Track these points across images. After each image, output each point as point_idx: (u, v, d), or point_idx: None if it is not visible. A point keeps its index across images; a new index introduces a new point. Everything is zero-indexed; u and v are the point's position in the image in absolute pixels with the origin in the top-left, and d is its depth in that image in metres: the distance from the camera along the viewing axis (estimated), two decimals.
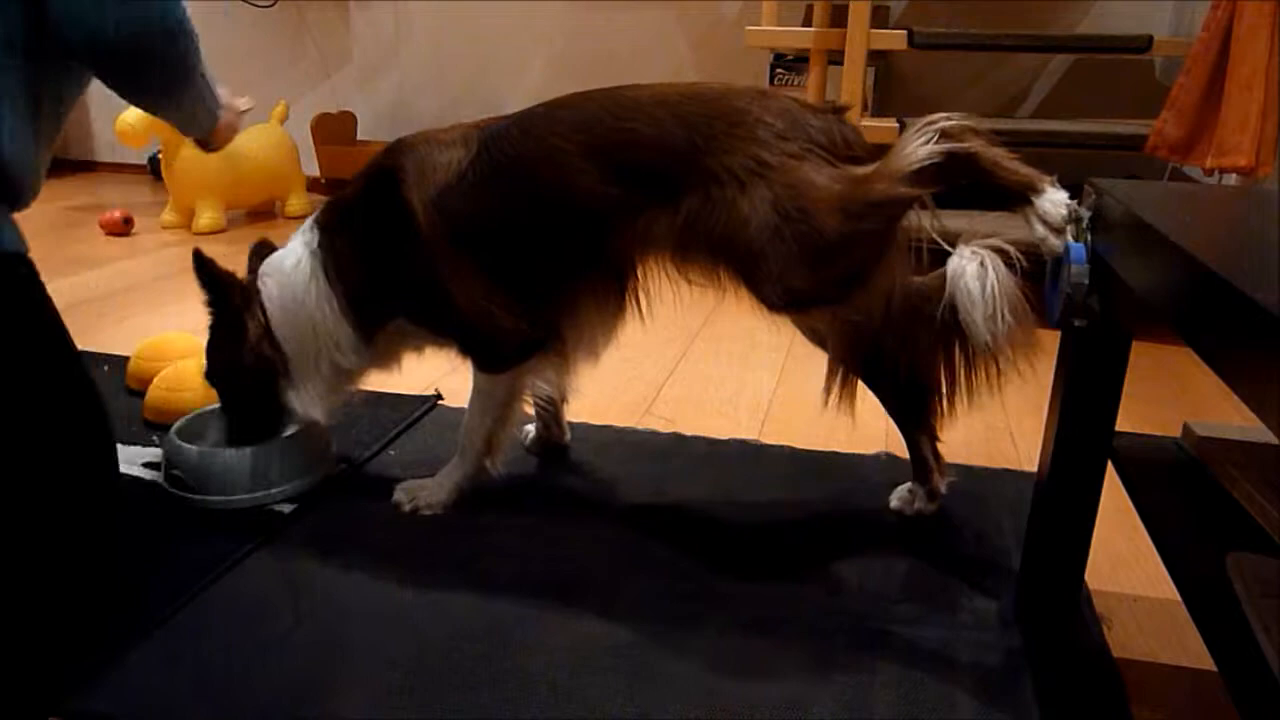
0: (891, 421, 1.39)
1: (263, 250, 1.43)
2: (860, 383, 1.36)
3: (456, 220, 1.26)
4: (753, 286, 1.19)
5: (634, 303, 1.34)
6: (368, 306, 1.35)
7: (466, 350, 1.37)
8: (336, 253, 1.33)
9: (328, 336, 1.35)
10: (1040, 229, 1.07)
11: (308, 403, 1.38)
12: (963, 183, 1.10)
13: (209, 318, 1.37)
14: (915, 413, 1.36)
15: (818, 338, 1.39)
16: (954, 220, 1.19)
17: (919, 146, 1.09)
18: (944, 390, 1.32)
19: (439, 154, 1.28)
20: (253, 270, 1.41)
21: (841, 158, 1.15)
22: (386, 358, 1.42)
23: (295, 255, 1.35)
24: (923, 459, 1.39)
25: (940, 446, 1.40)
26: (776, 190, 1.13)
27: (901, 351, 1.29)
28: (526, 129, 1.26)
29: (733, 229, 1.15)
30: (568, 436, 1.59)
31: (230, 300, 1.35)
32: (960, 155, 1.08)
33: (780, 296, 1.17)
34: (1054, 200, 1.07)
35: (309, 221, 1.38)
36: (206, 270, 1.33)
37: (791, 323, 1.33)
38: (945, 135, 1.09)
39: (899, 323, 1.26)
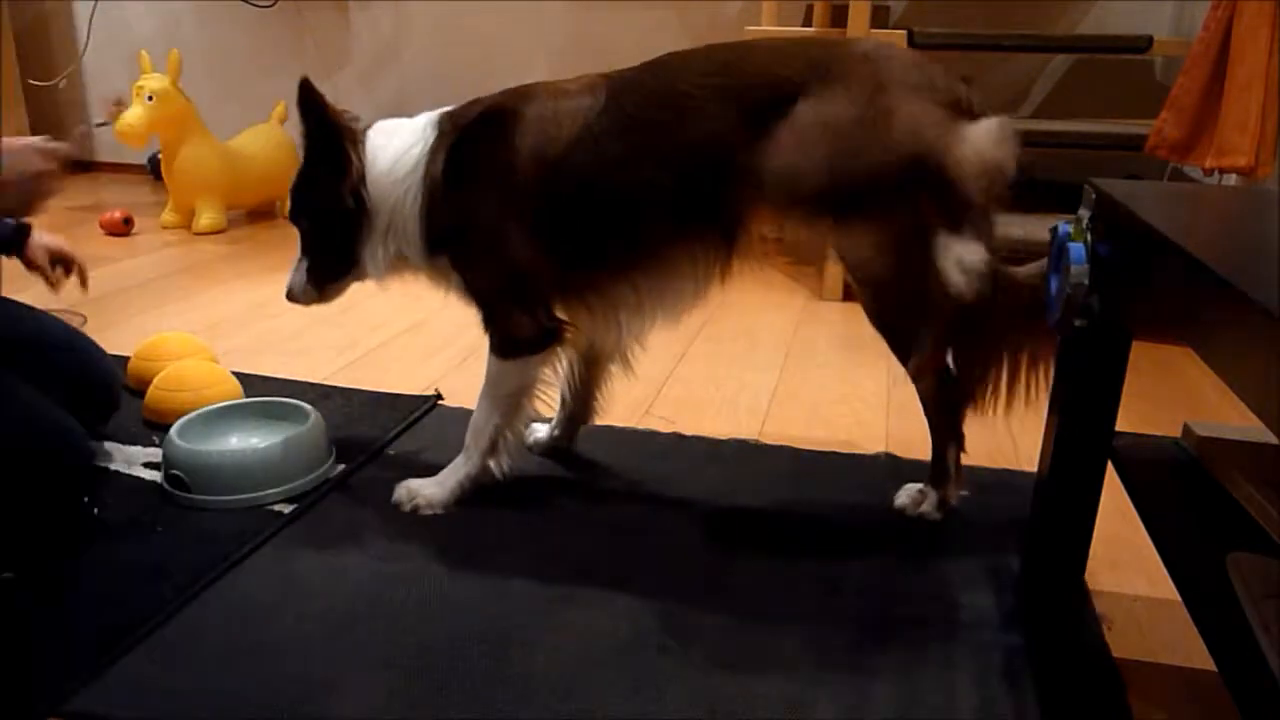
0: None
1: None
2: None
3: (575, 171, 1.26)
4: (803, 177, 1.19)
5: (729, 268, 1.32)
6: (438, 226, 1.34)
7: (487, 323, 1.36)
8: (435, 163, 1.33)
9: (403, 223, 1.35)
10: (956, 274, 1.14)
11: (373, 262, 1.38)
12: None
13: (304, 153, 1.36)
14: (951, 415, 1.36)
15: (870, 301, 1.31)
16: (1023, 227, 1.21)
17: (1005, 157, 1.15)
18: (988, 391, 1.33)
19: (563, 102, 1.29)
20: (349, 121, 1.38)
21: (961, 112, 1.18)
22: (438, 279, 1.41)
23: (413, 137, 1.34)
24: (944, 467, 1.38)
25: (963, 457, 1.38)
26: (877, 99, 1.17)
27: (975, 344, 1.29)
28: (657, 77, 1.28)
29: (822, 131, 1.18)
30: (575, 445, 1.59)
31: (339, 136, 1.33)
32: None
33: (822, 176, 1.18)
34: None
35: (436, 116, 1.37)
36: (315, 102, 1.32)
37: (848, 276, 1.33)
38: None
39: (987, 311, 1.24)
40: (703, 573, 1.25)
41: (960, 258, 1.14)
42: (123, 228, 3.03)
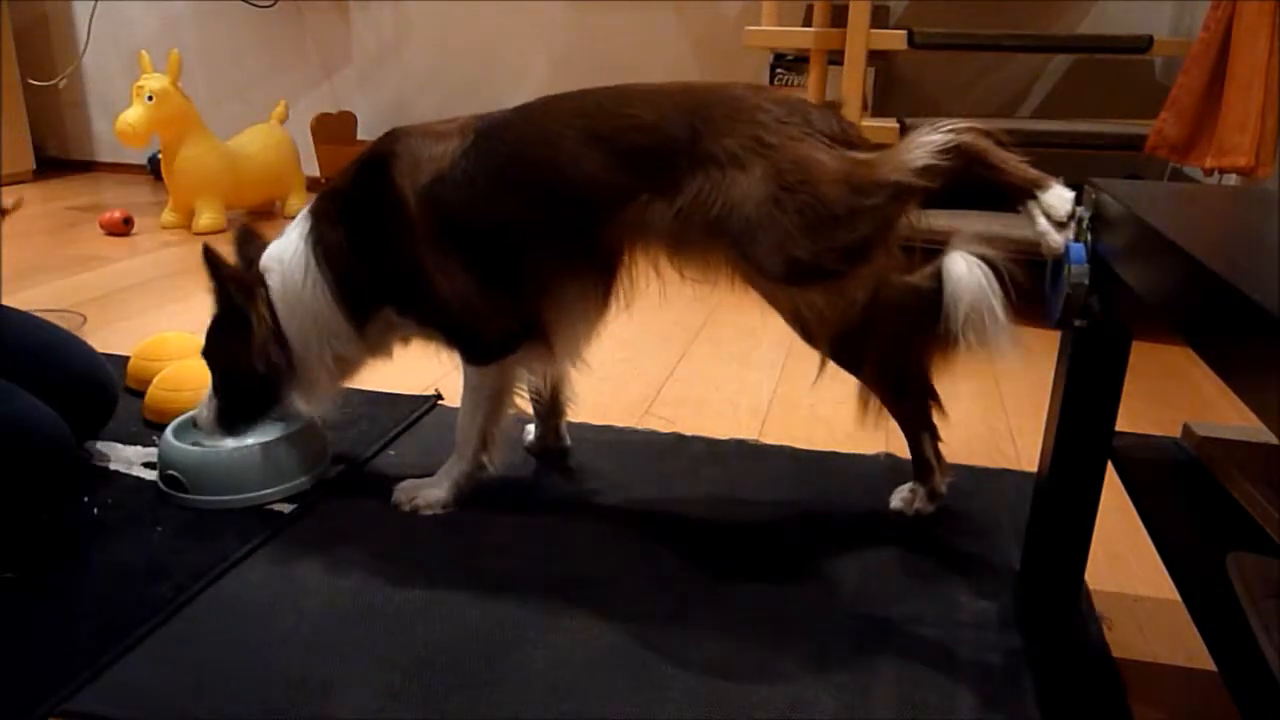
0: (891, 422, 1.39)
1: (248, 238, 1.42)
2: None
3: (447, 210, 1.26)
4: (750, 258, 1.17)
5: (618, 297, 1.34)
6: (358, 295, 1.34)
7: (452, 342, 1.36)
8: (327, 240, 1.33)
9: (326, 326, 1.35)
10: (1043, 223, 1.08)
11: (311, 398, 1.39)
12: (967, 179, 1.11)
13: (214, 307, 1.37)
14: (914, 410, 1.37)
15: (810, 334, 1.35)
16: (946, 220, 1.20)
17: (929, 135, 1.10)
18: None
19: (433, 145, 1.29)
20: (244, 258, 1.39)
21: (841, 145, 1.16)
22: (379, 347, 1.42)
23: (292, 245, 1.35)
24: (924, 458, 1.39)
25: (941, 446, 1.40)
26: (779, 165, 1.13)
27: (893, 347, 1.30)
28: (525, 118, 1.27)
29: (731, 205, 1.15)
30: (567, 442, 1.59)
31: (234, 299, 1.35)
32: (968, 150, 1.10)
33: (779, 265, 1.15)
34: (1060, 195, 1.08)
35: (304, 210, 1.37)
36: (217, 267, 1.33)
37: (785, 318, 1.33)
38: (951, 130, 1.10)
39: (893, 318, 1.26)
40: (703, 573, 1.25)
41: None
42: (123, 228, 3.03)
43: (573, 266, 1.30)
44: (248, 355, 1.34)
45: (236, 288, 1.34)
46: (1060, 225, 1.06)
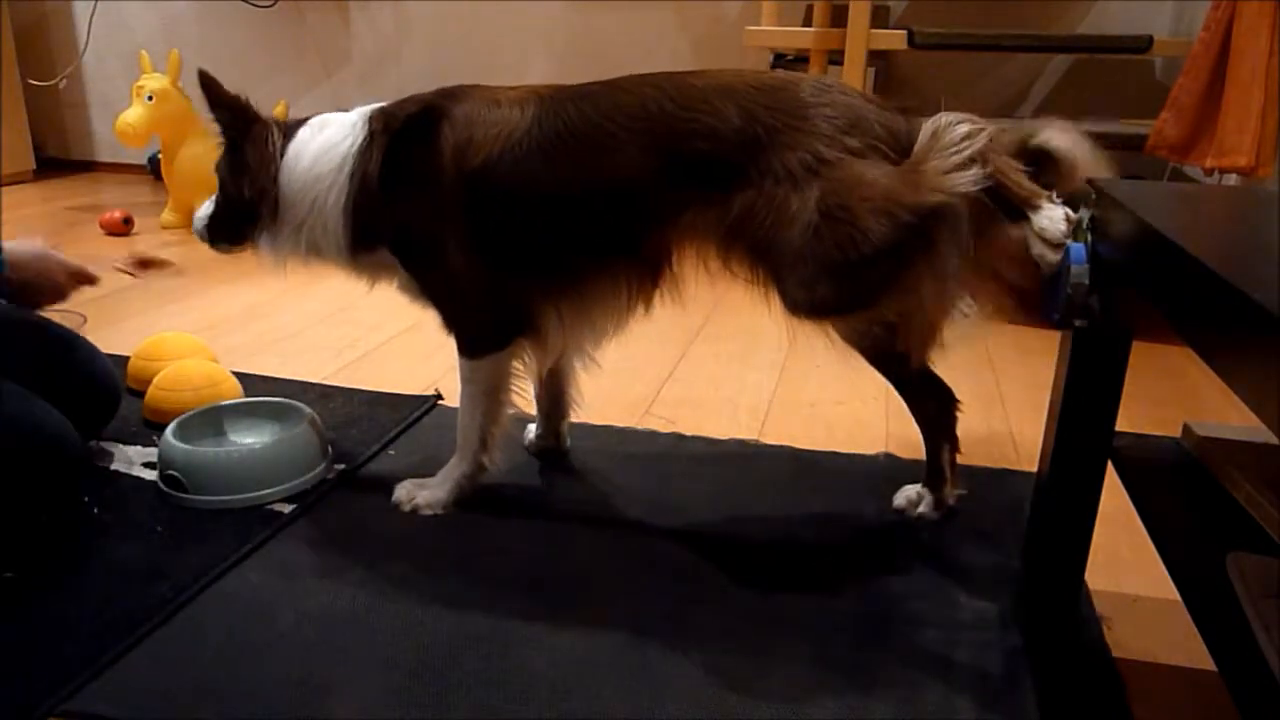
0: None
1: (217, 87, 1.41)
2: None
3: (486, 190, 1.24)
4: (781, 287, 1.17)
5: (656, 297, 1.32)
6: (368, 225, 1.33)
7: (447, 325, 1.36)
8: (368, 158, 1.31)
9: (320, 216, 1.33)
10: (1038, 246, 1.07)
11: (272, 249, 1.38)
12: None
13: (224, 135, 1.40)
14: (942, 419, 1.36)
15: (847, 340, 1.30)
16: None
17: (969, 174, 1.07)
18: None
19: (493, 111, 1.26)
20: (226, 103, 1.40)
21: (902, 151, 1.14)
22: (360, 271, 1.40)
23: (340, 134, 1.33)
24: (939, 468, 1.37)
25: (959, 459, 1.39)
26: (830, 188, 1.11)
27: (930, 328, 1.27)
28: (585, 108, 1.22)
29: (779, 228, 1.14)
30: (567, 444, 1.58)
31: (248, 123, 1.37)
32: (979, 157, 1.09)
33: (804, 299, 1.16)
34: (1051, 217, 1.07)
35: (369, 112, 1.35)
36: (213, 91, 1.36)
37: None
38: (983, 151, 1.08)
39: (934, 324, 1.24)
40: (703, 573, 1.25)
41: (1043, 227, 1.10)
42: (123, 228, 3.03)
43: (610, 263, 1.28)
44: (241, 185, 1.36)
45: (232, 117, 1.36)
46: (1054, 248, 1.06)
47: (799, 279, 1.15)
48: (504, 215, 1.26)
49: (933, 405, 1.35)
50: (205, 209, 1.45)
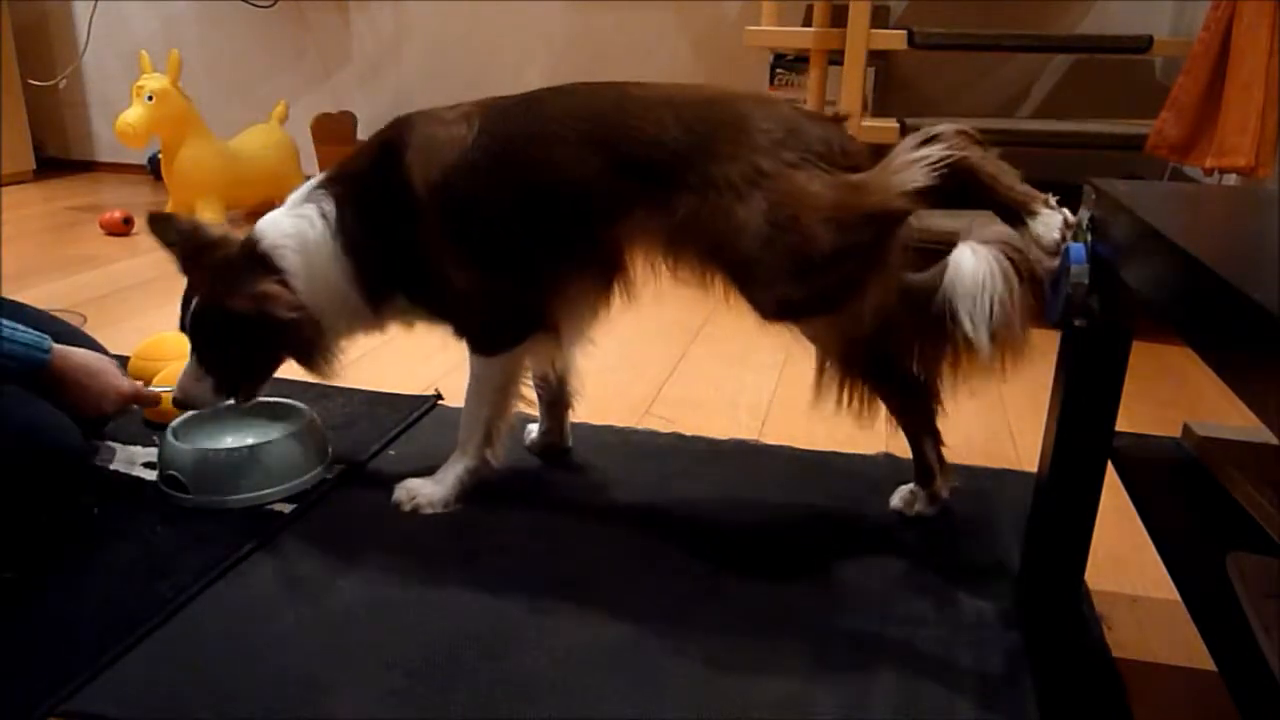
0: (892, 421, 1.39)
1: (164, 221, 1.44)
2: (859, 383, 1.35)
3: (455, 203, 1.27)
4: (746, 294, 1.21)
5: (620, 293, 1.35)
6: (374, 282, 1.35)
7: (461, 332, 1.37)
8: (347, 225, 1.32)
9: (344, 305, 1.35)
10: (1034, 251, 1.08)
11: (325, 360, 1.36)
12: (959, 195, 1.11)
13: (189, 275, 1.38)
14: (918, 414, 1.36)
15: (815, 340, 1.37)
16: (954, 221, 1.19)
17: (917, 168, 1.09)
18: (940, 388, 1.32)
19: (442, 131, 1.29)
20: (178, 243, 1.43)
21: (839, 167, 1.16)
22: (391, 323, 1.43)
23: (311, 224, 1.32)
24: (926, 463, 1.38)
25: (944, 450, 1.39)
26: (772, 199, 1.14)
27: (902, 351, 1.30)
28: (528, 112, 1.27)
29: (727, 237, 1.16)
30: (569, 443, 1.59)
31: (226, 258, 1.34)
32: (959, 167, 1.09)
33: (772, 305, 1.20)
34: (1047, 222, 1.08)
35: (312, 187, 1.35)
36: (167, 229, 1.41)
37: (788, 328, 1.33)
38: (944, 148, 1.09)
39: (898, 322, 1.25)
40: (703, 573, 1.25)
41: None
42: (123, 228, 3.03)
43: (574, 262, 1.31)
44: (271, 314, 1.27)
45: (217, 247, 1.37)
46: (1050, 254, 1.06)
47: (759, 286, 1.19)
48: (477, 225, 1.28)
49: (908, 401, 1.36)
50: (194, 381, 1.36)
